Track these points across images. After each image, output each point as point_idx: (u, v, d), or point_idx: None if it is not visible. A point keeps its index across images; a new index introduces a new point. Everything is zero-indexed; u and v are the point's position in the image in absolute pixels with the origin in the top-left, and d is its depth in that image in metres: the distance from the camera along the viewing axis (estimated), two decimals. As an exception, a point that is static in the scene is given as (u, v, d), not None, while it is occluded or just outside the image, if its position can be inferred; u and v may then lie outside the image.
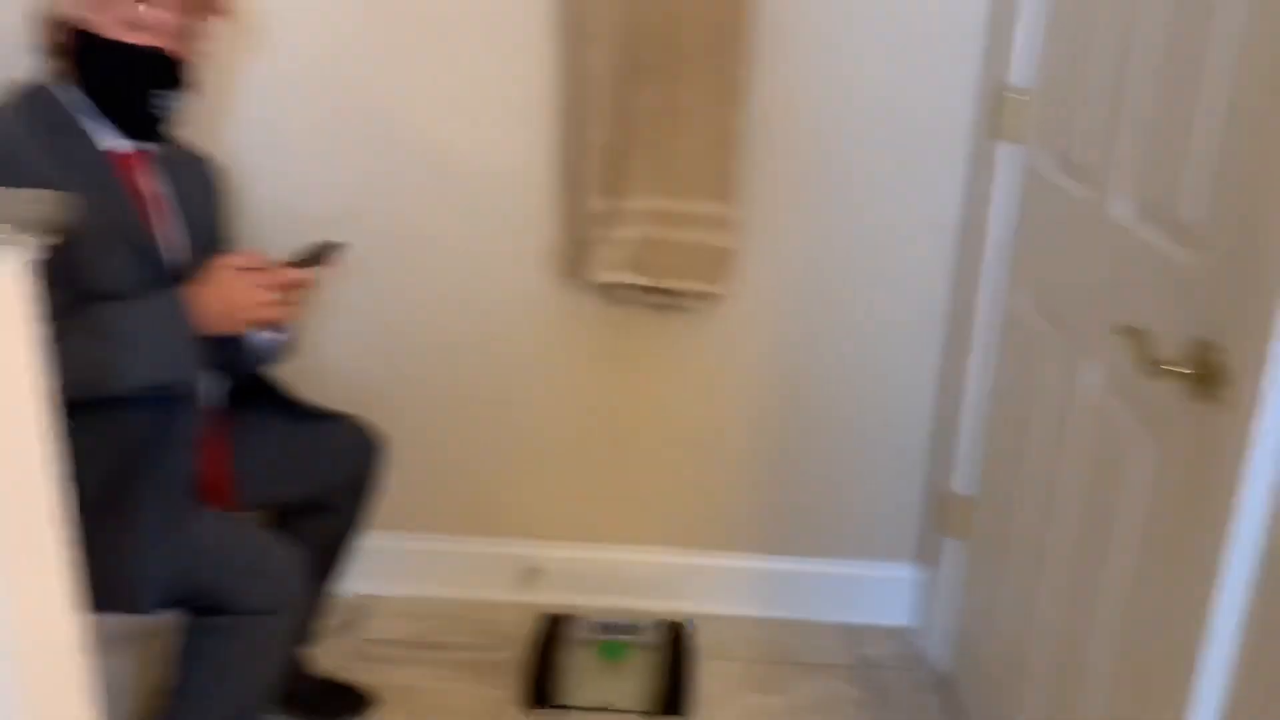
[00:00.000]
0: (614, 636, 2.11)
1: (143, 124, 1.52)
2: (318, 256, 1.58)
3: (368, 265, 2.02)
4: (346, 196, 1.99)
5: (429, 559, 2.24)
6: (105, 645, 1.34)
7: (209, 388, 1.62)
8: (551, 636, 2.10)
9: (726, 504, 2.19)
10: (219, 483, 1.64)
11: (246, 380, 1.73)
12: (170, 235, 1.58)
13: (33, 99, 1.47)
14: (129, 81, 1.48)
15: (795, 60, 1.88)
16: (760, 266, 2.01)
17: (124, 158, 1.52)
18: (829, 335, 2.06)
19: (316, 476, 1.76)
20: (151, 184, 1.57)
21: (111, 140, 1.51)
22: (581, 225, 1.92)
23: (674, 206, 1.87)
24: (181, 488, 1.48)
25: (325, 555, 1.80)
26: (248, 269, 1.49)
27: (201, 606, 1.46)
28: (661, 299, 1.95)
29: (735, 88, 1.82)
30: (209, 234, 1.68)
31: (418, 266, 2.04)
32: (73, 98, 1.48)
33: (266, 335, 1.66)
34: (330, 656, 2.03)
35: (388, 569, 2.23)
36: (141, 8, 1.45)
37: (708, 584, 2.23)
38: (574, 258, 1.98)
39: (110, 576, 1.37)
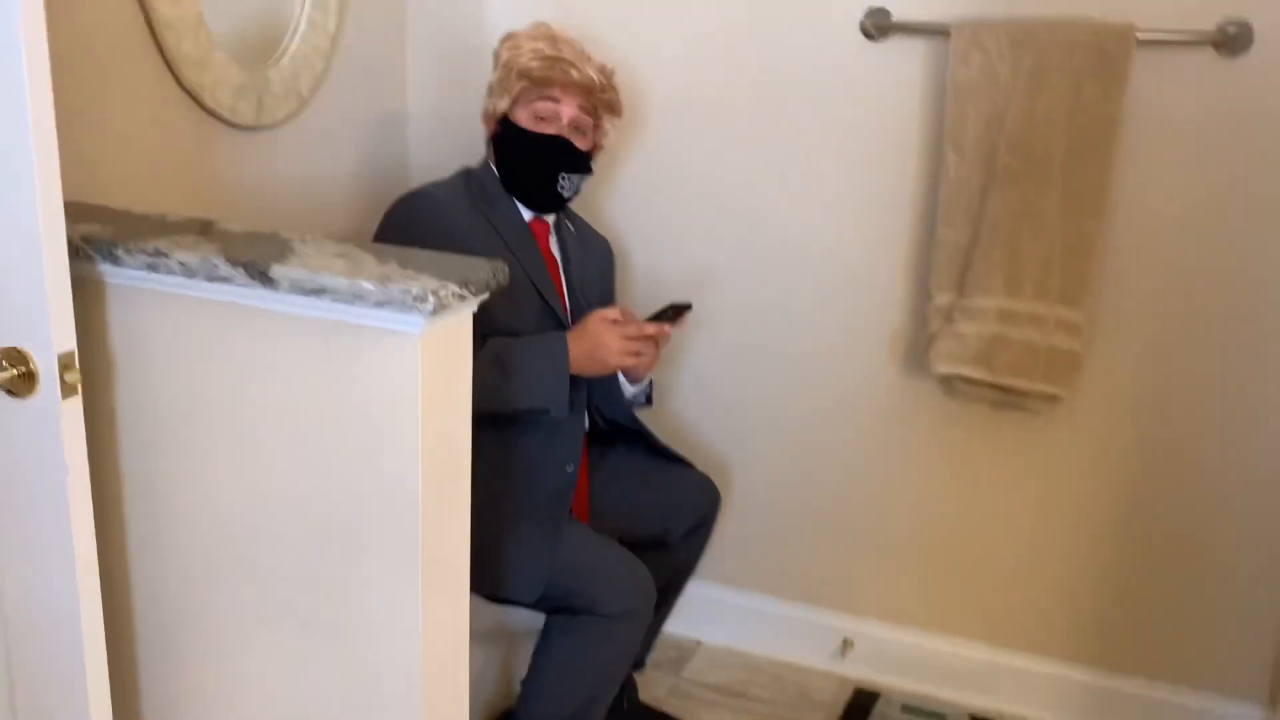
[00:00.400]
0: (921, 720, 2.15)
1: (547, 199, 1.84)
2: (670, 315, 1.79)
3: (720, 333, 2.24)
4: (707, 268, 2.22)
5: (749, 615, 2.38)
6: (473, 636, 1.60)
7: (583, 423, 1.88)
8: (861, 708, 2.17)
9: (1051, 607, 2.16)
10: (579, 504, 1.89)
11: (611, 428, 1.98)
12: (561, 287, 1.89)
13: (476, 179, 1.85)
14: (536, 163, 1.81)
15: (1160, 169, 1.89)
16: (1109, 373, 2.00)
17: (537, 226, 1.85)
18: (1182, 450, 2.00)
19: (661, 517, 1.97)
20: (552, 248, 1.88)
21: (529, 213, 1.84)
22: (928, 318, 2.01)
23: (1023, 307, 1.92)
24: (561, 501, 1.75)
25: (660, 585, 2.00)
26: (615, 322, 1.74)
27: (561, 607, 1.71)
28: (1001, 396, 1.99)
29: (1096, 195, 1.85)
30: (587, 295, 1.96)
31: (768, 339, 2.22)
32: (502, 178, 1.84)
33: (633, 387, 1.91)
34: (652, 687, 2.23)
35: (711, 617, 2.40)
36: (543, 105, 1.77)
37: (1022, 685, 2.20)
38: (918, 348, 2.08)
39: (499, 569, 1.65)
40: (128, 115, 1.61)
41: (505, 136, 1.82)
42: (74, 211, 1.38)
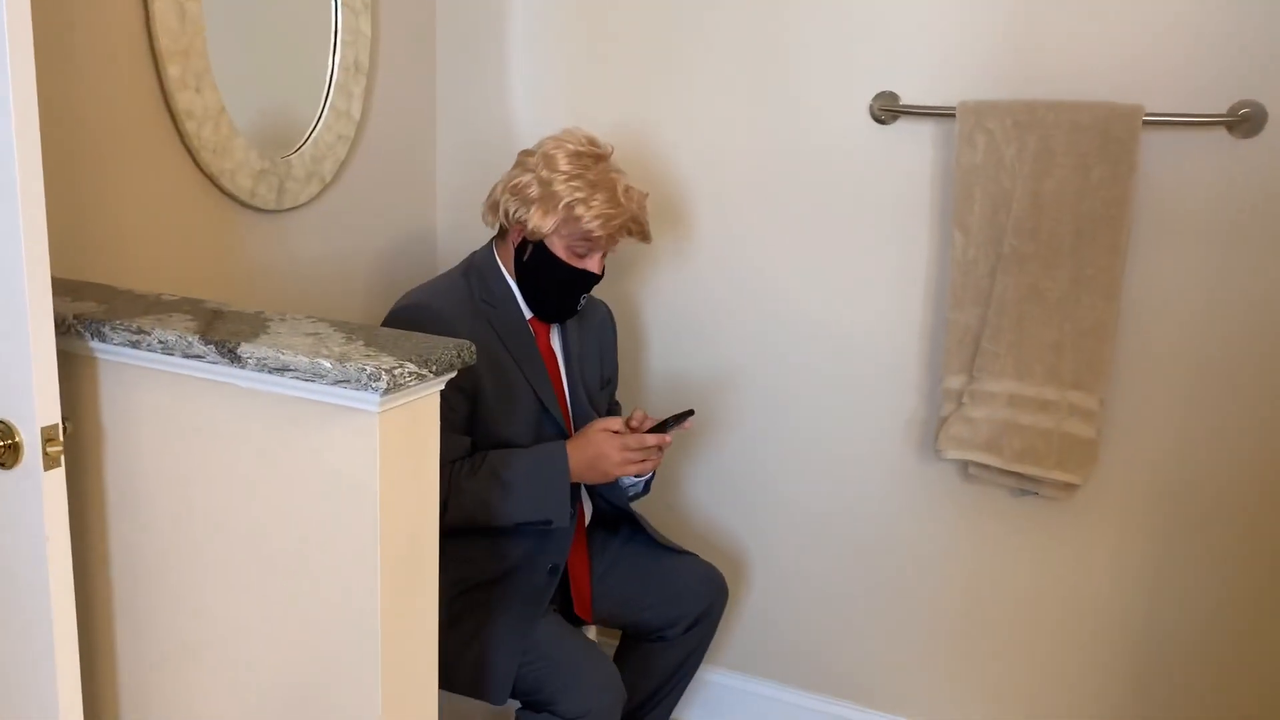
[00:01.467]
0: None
1: (563, 316, 1.86)
2: (672, 423, 1.79)
3: (734, 418, 2.22)
4: (721, 353, 2.22)
5: (767, 704, 2.32)
6: None
7: (572, 518, 1.86)
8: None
9: (1079, 700, 2.06)
10: (579, 597, 1.88)
11: (615, 510, 1.97)
12: (561, 386, 1.89)
13: (478, 274, 1.84)
14: (567, 293, 1.81)
15: (1175, 249, 1.84)
16: (1130, 457, 1.93)
17: (538, 323, 1.87)
18: (1208, 534, 1.91)
19: (662, 609, 1.94)
20: (552, 343, 1.90)
21: (530, 311, 1.85)
22: (940, 402, 1.98)
23: (1033, 392, 1.87)
24: (538, 601, 1.74)
25: (659, 681, 1.96)
26: (616, 432, 1.75)
27: (528, 701, 1.69)
28: (1016, 483, 1.94)
29: (1107, 278, 1.81)
30: (591, 380, 1.96)
31: (783, 423, 2.20)
32: (507, 274, 1.84)
33: (631, 479, 1.91)
34: (663, 777, 2.18)
35: (729, 706, 2.34)
36: (587, 246, 1.77)
37: (1049, 790, 2.10)
38: (930, 432, 2.04)
39: (471, 668, 1.65)
40: (147, 199, 1.69)
41: (538, 259, 1.78)
42: (74, 290, 1.45)
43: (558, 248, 1.77)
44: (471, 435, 1.75)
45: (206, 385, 1.29)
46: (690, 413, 1.80)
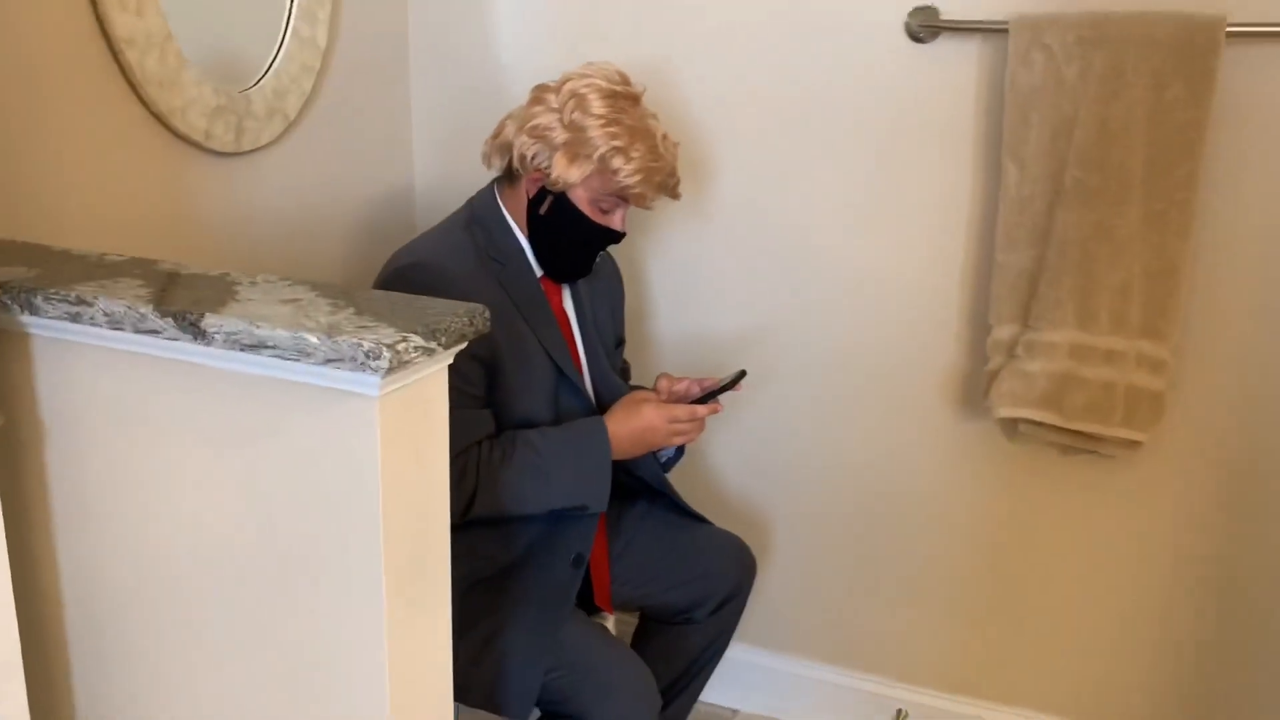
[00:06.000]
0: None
1: (577, 274, 1.66)
2: (728, 386, 1.62)
3: (762, 378, 2.02)
4: (748, 310, 2.01)
5: (792, 682, 2.16)
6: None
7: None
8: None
9: (1126, 679, 1.91)
10: (598, 583, 1.68)
11: (636, 482, 1.78)
12: (577, 351, 1.69)
13: (481, 227, 1.62)
14: (586, 249, 1.61)
15: (1256, 181, 1.65)
16: (1196, 409, 1.76)
17: (548, 283, 1.66)
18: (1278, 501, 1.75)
19: (687, 590, 1.75)
20: (565, 304, 1.69)
21: (540, 269, 1.64)
22: (988, 354, 1.79)
23: (1099, 341, 1.69)
24: (562, 599, 1.54)
25: (685, 665, 1.78)
26: (663, 403, 1.58)
27: (554, 712, 1.50)
28: (1072, 441, 1.76)
29: (1181, 213, 1.62)
30: (605, 338, 1.77)
31: (808, 381, 2.01)
32: (515, 226, 1.63)
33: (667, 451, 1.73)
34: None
35: (750, 684, 2.18)
36: (615, 202, 1.57)
37: (1101, 767, 1.96)
38: (977, 387, 1.86)
39: (488, 679, 1.45)
40: (85, 143, 1.44)
41: (558, 213, 1.57)
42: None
43: (581, 201, 1.56)
44: (495, 413, 1.55)
45: (166, 365, 1.06)
46: (742, 374, 1.62)
